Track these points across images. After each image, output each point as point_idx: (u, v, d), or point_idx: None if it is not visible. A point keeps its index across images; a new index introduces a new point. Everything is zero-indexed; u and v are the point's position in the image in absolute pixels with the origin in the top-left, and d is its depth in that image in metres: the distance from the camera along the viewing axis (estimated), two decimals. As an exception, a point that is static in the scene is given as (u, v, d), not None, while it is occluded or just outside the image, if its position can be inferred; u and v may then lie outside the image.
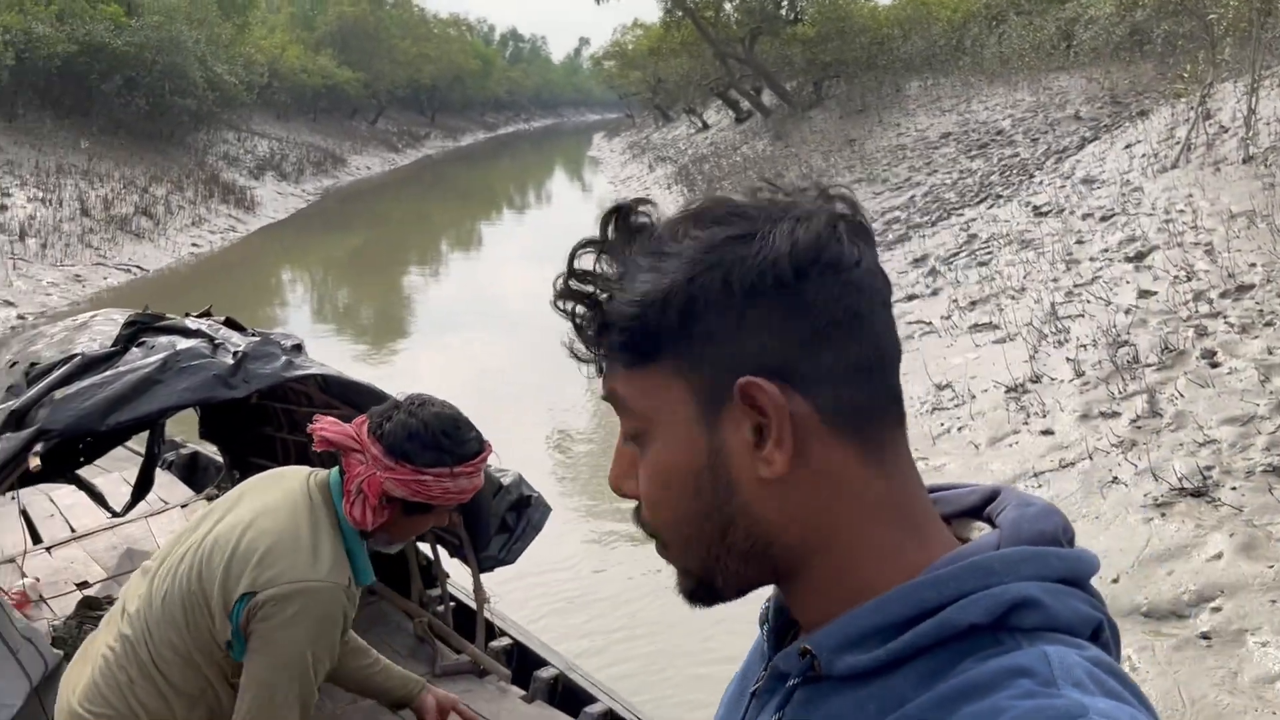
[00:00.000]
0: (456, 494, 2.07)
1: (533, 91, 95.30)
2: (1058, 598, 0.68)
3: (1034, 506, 0.75)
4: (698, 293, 0.70)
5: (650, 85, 38.29)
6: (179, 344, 2.93)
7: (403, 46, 50.48)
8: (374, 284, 16.53)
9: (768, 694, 0.78)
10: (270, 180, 26.47)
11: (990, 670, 0.64)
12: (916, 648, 0.68)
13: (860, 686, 0.69)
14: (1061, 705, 0.60)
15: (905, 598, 0.69)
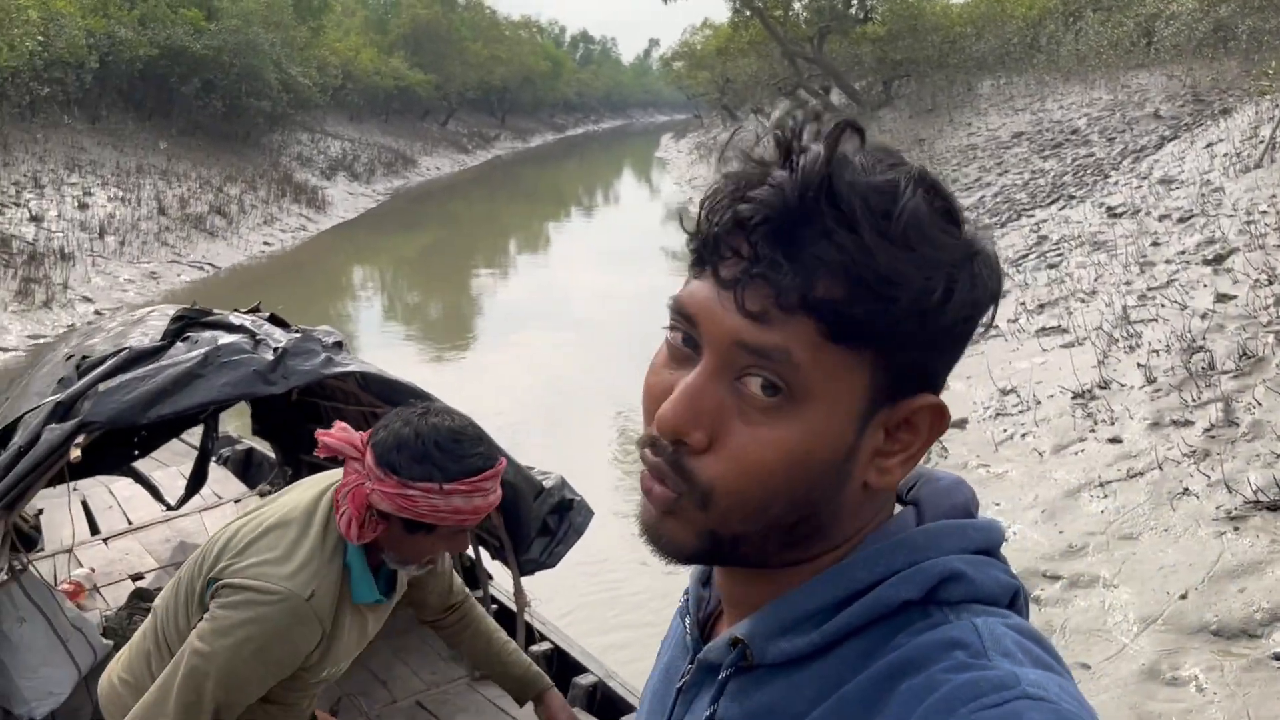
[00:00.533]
0: (450, 513, 1.85)
1: (602, 93, 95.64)
2: (979, 569, 0.68)
3: (943, 480, 0.76)
4: (951, 301, 0.65)
5: (718, 85, 38.17)
6: (221, 339, 2.94)
7: (474, 49, 50.99)
8: (443, 284, 16.69)
9: (695, 687, 0.76)
10: (342, 180, 26.93)
11: (924, 644, 0.64)
12: (850, 628, 0.67)
13: (794, 672, 0.69)
14: (994, 676, 0.61)
15: (835, 579, 0.69)
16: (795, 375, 0.65)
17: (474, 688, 3.68)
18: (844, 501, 0.70)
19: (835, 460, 0.67)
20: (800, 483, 0.67)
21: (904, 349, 0.66)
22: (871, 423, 0.68)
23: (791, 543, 0.70)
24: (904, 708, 0.61)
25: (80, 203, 16.15)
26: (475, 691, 3.66)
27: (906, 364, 0.67)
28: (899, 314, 0.63)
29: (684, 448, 0.68)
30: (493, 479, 1.91)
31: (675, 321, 0.70)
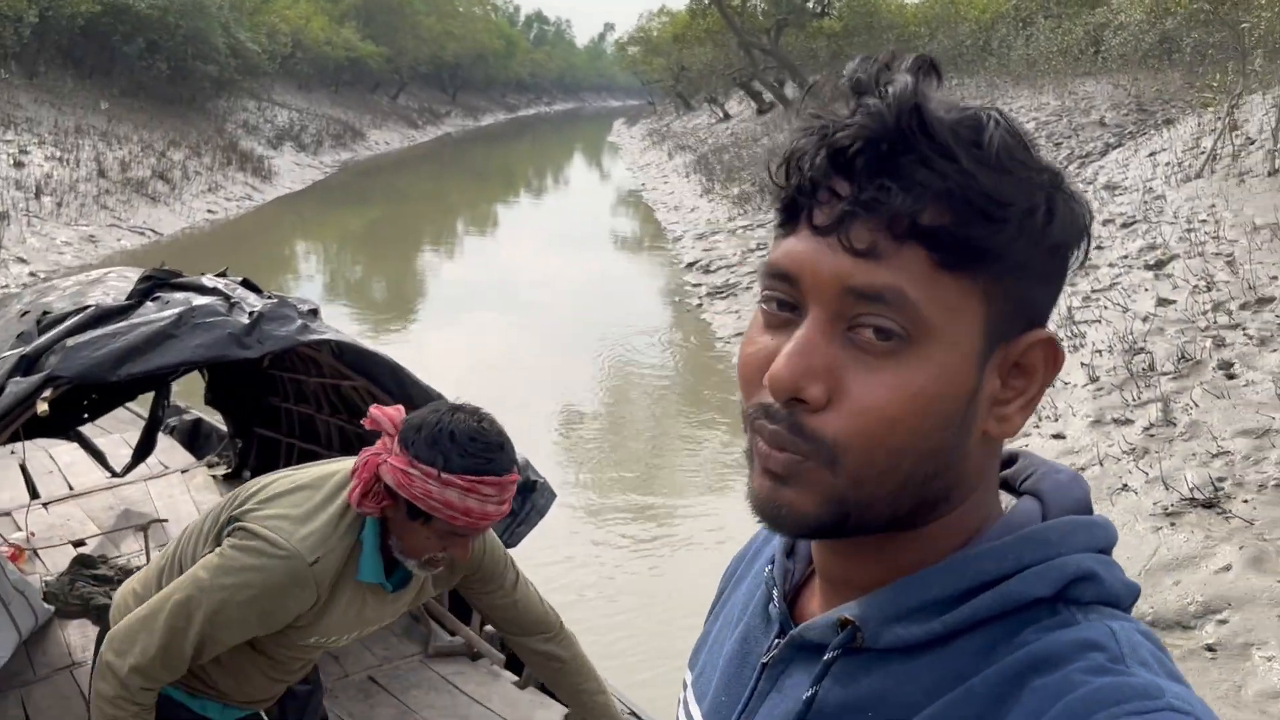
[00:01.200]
0: (443, 505, 1.86)
1: (555, 75, 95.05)
2: (1109, 569, 0.67)
3: (1064, 474, 0.73)
4: (1052, 224, 0.64)
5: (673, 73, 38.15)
6: (195, 300, 2.90)
7: (427, 23, 50.36)
8: (388, 260, 16.51)
9: (785, 663, 0.74)
10: (289, 151, 26.45)
11: (1059, 642, 0.62)
12: (975, 620, 0.65)
13: (909, 659, 0.67)
14: (1137, 684, 0.59)
15: (963, 569, 0.67)
16: (911, 314, 0.62)
17: (426, 664, 3.68)
18: (967, 455, 0.67)
19: (959, 405, 0.65)
20: (928, 431, 0.64)
21: (1014, 277, 0.64)
22: (989, 364, 0.66)
23: (920, 505, 0.67)
24: (1037, 705, 0.59)
25: (15, 161, 15.67)
26: (428, 668, 3.66)
27: (1017, 296, 0.65)
28: (1008, 236, 0.62)
29: (801, 406, 0.64)
30: (494, 486, 1.88)
31: (770, 285, 0.68)
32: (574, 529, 6.13)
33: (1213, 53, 15.29)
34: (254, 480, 2.14)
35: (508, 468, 1.92)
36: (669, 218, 18.70)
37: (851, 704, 0.68)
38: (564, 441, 7.98)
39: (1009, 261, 0.63)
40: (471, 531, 1.94)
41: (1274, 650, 3.87)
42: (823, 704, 0.69)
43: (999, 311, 0.64)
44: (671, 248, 15.74)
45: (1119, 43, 18.78)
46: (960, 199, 0.61)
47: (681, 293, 12.56)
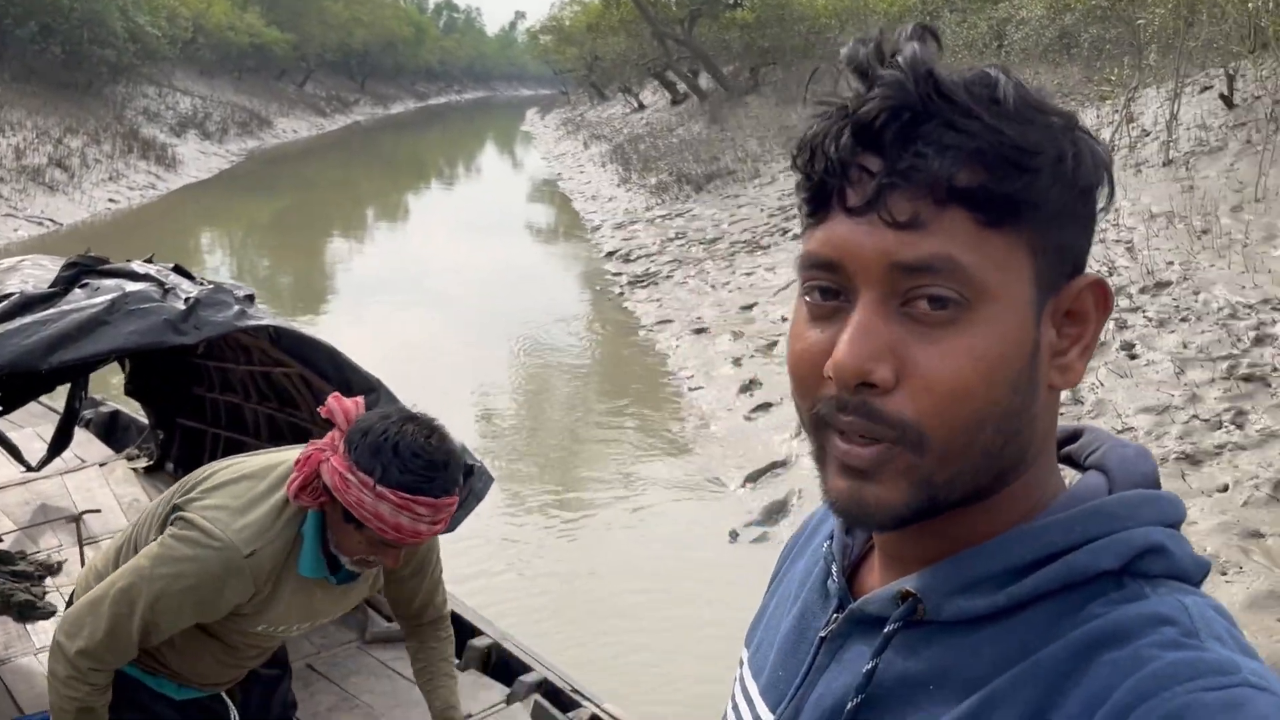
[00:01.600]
0: (373, 517, 1.81)
1: (466, 63, 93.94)
2: (1178, 543, 0.66)
3: (1130, 448, 0.72)
4: (1080, 166, 0.65)
5: (586, 62, 38.04)
6: (128, 287, 2.84)
7: (334, 9, 49.31)
8: (297, 250, 16.16)
9: (844, 638, 0.73)
10: (193, 139, 25.70)
11: (1129, 616, 0.61)
12: (1039, 592, 0.64)
13: (971, 632, 0.65)
14: (1211, 659, 0.58)
15: (1028, 541, 0.66)
16: (965, 278, 0.62)
17: (365, 650, 3.67)
18: (1037, 415, 0.67)
19: (1026, 362, 0.65)
20: (1002, 394, 0.64)
21: (1054, 225, 0.65)
22: (1044, 315, 0.66)
23: (1001, 470, 0.67)
24: (1107, 680, 0.58)
25: (-99, 148, 14.94)
26: (366, 654, 3.65)
27: (1058, 244, 0.66)
28: (1044, 184, 0.63)
29: (871, 391, 0.64)
30: (429, 507, 1.84)
31: (811, 276, 0.67)
32: (496, 513, 6.13)
33: (1109, 48, 15.88)
34: (204, 467, 2.14)
35: (447, 489, 1.87)
36: (587, 207, 18.69)
37: (912, 676, 0.67)
38: (484, 427, 7.95)
39: (1048, 210, 0.64)
40: (401, 545, 1.91)
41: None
42: (883, 676, 0.68)
43: (1045, 262, 0.65)
44: (590, 237, 15.75)
45: (1021, 37, 19.36)
46: (992, 155, 0.62)
47: (602, 281, 12.59)
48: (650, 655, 4.75)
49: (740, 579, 5.32)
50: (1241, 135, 10.08)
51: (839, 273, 0.65)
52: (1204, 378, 5.80)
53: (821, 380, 0.66)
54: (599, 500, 6.52)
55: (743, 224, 13.65)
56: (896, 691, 0.67)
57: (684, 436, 7.40)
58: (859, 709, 0.68)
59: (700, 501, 6.38)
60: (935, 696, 0.65)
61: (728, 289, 10.81)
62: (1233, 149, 9.89)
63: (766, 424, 7.12)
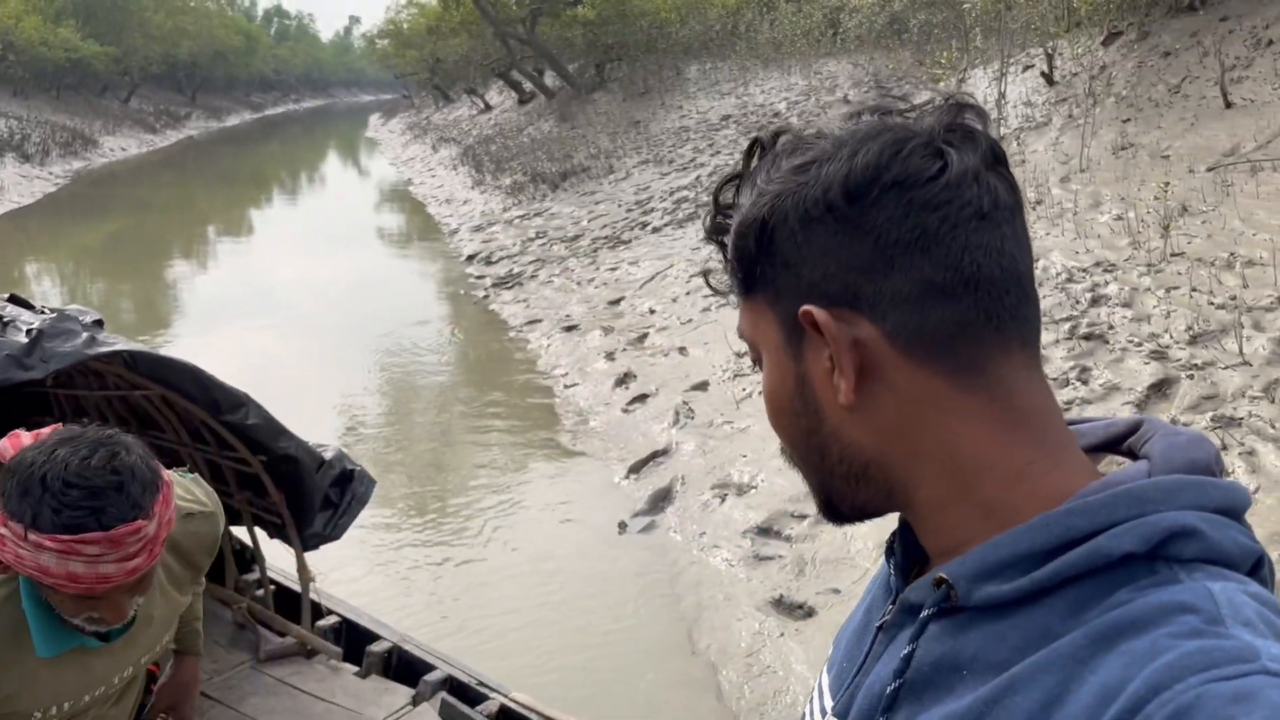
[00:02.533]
0: (38, 571, 1.52)
1: (301, 71, 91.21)
2: (1217, 528, 0.64)
3: (1183, 435, 0.72)
4: (766, 222, 0.73)
5: (428, 65, 37.46)
6: (-42, 324, 2.65)
7: (156, 19, 47.14)
8: (136, 274, 15.37)
9: (896, 628, 0.75)
10: (11, 162, 24.12)
11: (1151, 604, 0.60)
12: (1063, 577, 0.64)
13: (1000, 618, 0.66)
14: (1230, 647, 0.56)
15: (1052, 524, 0.66)
16: (744, 337, 0.79)
17: (260, 670, 3.53)
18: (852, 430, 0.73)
19: (791, 391, 0.75)
20: (786, 419, 0.77)
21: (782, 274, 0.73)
22: (803, 349, 0.73)
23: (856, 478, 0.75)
24: (1122, 670, 0.58)
25: None
26: (262, 673, 3.51)
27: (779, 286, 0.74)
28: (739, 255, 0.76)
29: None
30: (103, 543, 1.52)
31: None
32: (380, 519, 6.00)
33: (938, 31, 16.61)
34: None
35: (125, 515, 1.53)
36: (441, 211, 18.42)
37: (947, 661, 0.68)
38: (354, 437, 7.75)
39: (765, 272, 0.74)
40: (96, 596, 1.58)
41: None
42: (920, 661, 0.69)
43: (783, 309, 0.74)
44: (449, 241, 15.53)
45: (854, 24, 20.06)
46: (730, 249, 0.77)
47: (465, 285, 12.43)
48: (552, 643, 4.74)
49: (632, 566, 5.36)
50: (1064, 110, 10.71)
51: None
52: (1049, 339, 6.13)
53: None
54: (484, 501, 6.46)
55: (602, 219, 13.70)
56: (933, 676, 0.68)
57: (564, 434, 7.39)
58: (898, 692, 0.70)
59: (585, 496, 6.38)
60: (966, 680, 0.66)
61: (593, 285, 10.84)
62: (1057, 124, 10.50)
63: (644, 415, 7.18)
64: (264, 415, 3.22)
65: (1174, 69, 10.25)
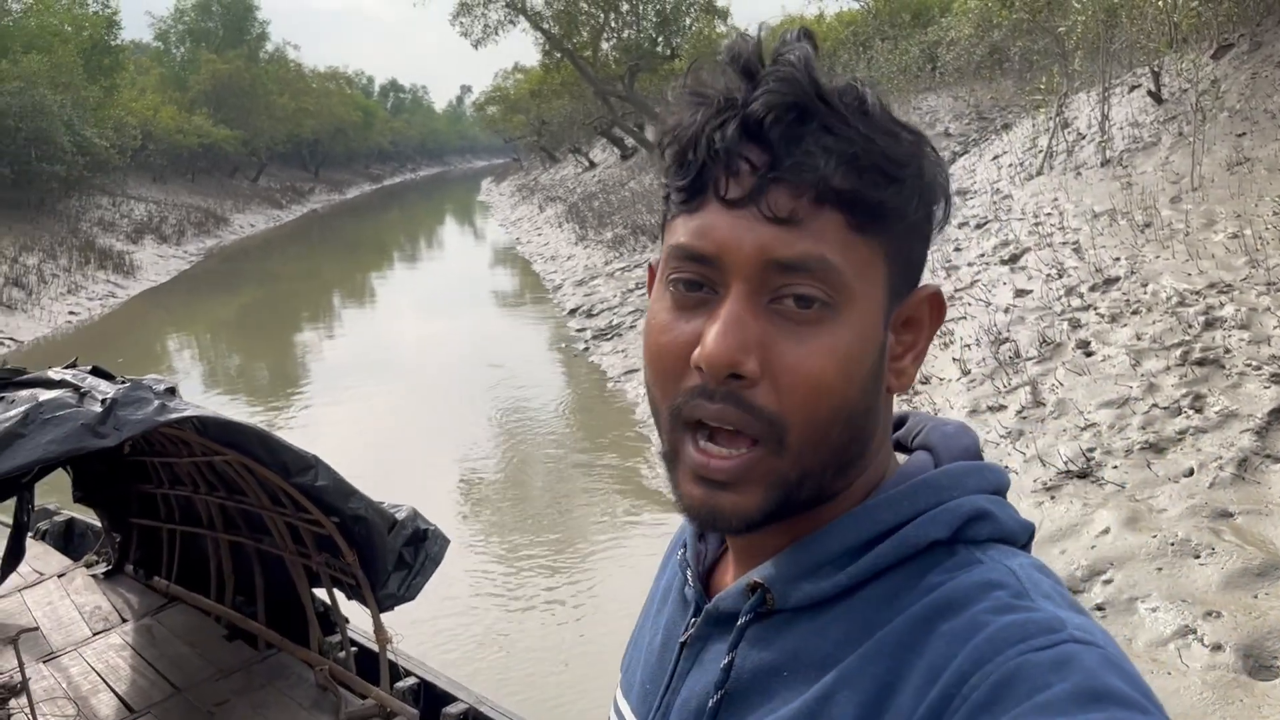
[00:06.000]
0: None
1: (417, 140, 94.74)
2: (1002, 508, 0.68)
3: (950, 424, 0.75)
4: (932, 180, 0.68)
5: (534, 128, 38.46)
6: (41, 396, 2.79)
7: (281, 102, 49.67)
8: (266, 343, 16.09)
9: (702, 640, 0.74)
10: (150, 243, 25.65)
11: (962, 585, 0.63)
12: (877, 569, 0.66)
13: (818, 614, 0.67)
14: (1039, 618, 0.59)
15: (863, 520, 0.68)
16: (834, 280, 0.64)
17: (341, 733, 3.58)
18: (877, 414, 0.70)
19: (876, 364, 0.67)
20: (855, 393, 0.66)
21: (908, 235, 0.67)
22: (890, 320, 0.68)
23: (843, 467, 0.68)
24: (946, 649, 0.60)
25: None
26: (343, 737, 3.56)
27: (907, 253, 0.68)
28: (907, 194, 0.65)
29: (739, 383, 0.64)
30: None
31: (681, 267, 0.66)
32: (479, 579, 6.05)
33: (1038, 58, 16.20)
34: None
35: None
36: (546, 268, 18.75)
37: (767, 665, 0.67)
38: (464, 493, 7.87)
39: (906, 220, 0.66)
40: None
41: (1157, 601, 4.06)
42: (740, 669, 0.68)
43: (897, 270, 0.67)
44: (553, 297, 15.79)
45: (953, 57, 19.75)
46: (866, 162, 0.64)
47: (567, 339, 12.59)
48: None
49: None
50: (1173, 128, 10.26)
51: (712, 265, 0.65)
52: (1160, 366, 5.83)
53: (685, 371, 0.66)
54: (576, 557, 6.45)
55: (700, 267, 13.72)
56: (754, 683, 0.68)
57: (660, 483, 7.35)
58: (720, 705, 0.69)
59: (678, 547, 6.30)
60: (789, 682, 0.66)
61: (690, 333, 10.82)
62: (1166, 143, 10.06)
63: (737, 462, 7.08)
64: (333, 477, 3.29)
65: (1291, 78, 9.73)
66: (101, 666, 4.05)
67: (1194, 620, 3.94)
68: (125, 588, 4.67)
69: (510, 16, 29.13)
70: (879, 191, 0.64)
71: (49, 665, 4.07)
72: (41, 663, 4.08)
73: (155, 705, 3.76)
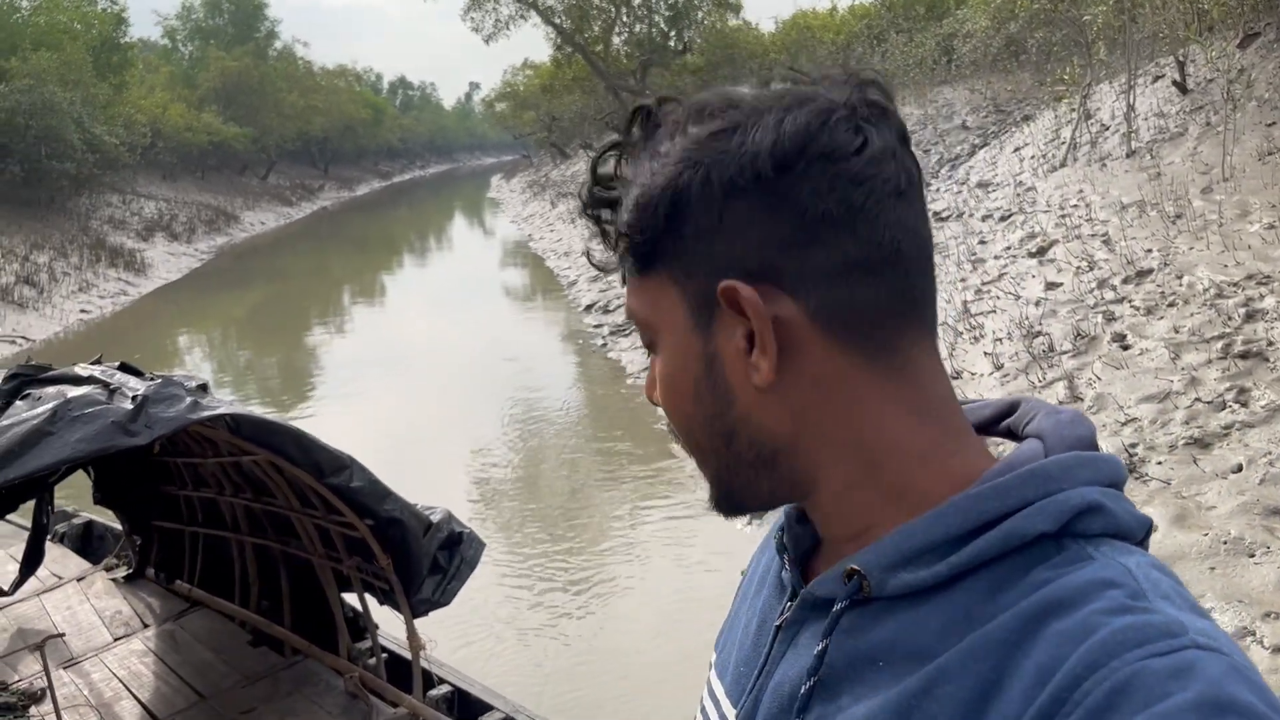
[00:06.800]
0: None
1: (426, 138, 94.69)
2: (1117, 501, 0.65)
3: (1065, 413, 0.72)
4: (681, 193, 0.67)
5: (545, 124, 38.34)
6: (70, 393, 2.68)
7: (290, 99, 49.63)
8: (277, 340, 16.01)
9: (797, 625, 0.72)
10: (160, 241, 25.62)
11: (1074, 582, 0.60)
12: (980, 560, 0.63)
13: (917, 604, 0.65)
14: (1158, 621, 0.56)
15: (966, 509, 0.65)
16: (642, 323, 0.73)
17: (371, 743, 3.47)
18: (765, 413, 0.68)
19: (701, 372, 0.69)
20: (687, 404, 0.71)
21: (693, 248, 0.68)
22: (712, 328, 0.68)
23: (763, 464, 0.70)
24: (1056, 650, 0.57)
25: None
26: (373, 746, 3.45)
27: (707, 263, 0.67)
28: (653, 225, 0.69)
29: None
30: None
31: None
32: (499, 578, 5.93)
33: (1057, 49, 16.02)
34: None
35: None
36: (560, 264, 18.64)
37: (863, 654, 0.66)
38: (482, 491, 7.77)
39: (669, 246, 0.68)
40: None
41: (1211, 602, 3.92)
42: (834, 657, 0.67)
43: (693, 283, 0.68)
44: (567, 293, 15.67)
45: (969, 50, 19.56)
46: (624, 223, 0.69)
47: (584, 335, 12.48)
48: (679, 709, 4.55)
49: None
50: (1200, 119, 10.09)
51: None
52: (1200, 359, 5.68)
53: None
54: (605, 552, 6.34)
55: (717, 262, 13.60)
56: (848, 671, 0.67)
57: (683, 478, 7.23)
58: (813, 691, 0.68)
59: (707, 542, 6.19)
60: (885, 672, 0.64)
61: (709, 328, 10.71)
62: (1193, 133, 9.89)
63: (764, 459, 6.96)
64: (368, 478, 3.18)
65: (1322, 66, 9.56)
66: (124, 673, 3.95)
67: (1252, 622, 3.81)
68: (146, 592, 4.56)
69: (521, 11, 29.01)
70: (622, 244, 0.70)
71: (70, 671, 3.97)
72: (62, 668, 3.98)
73: (180, 712, 3.66)
